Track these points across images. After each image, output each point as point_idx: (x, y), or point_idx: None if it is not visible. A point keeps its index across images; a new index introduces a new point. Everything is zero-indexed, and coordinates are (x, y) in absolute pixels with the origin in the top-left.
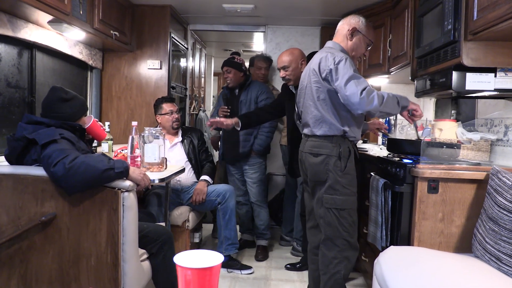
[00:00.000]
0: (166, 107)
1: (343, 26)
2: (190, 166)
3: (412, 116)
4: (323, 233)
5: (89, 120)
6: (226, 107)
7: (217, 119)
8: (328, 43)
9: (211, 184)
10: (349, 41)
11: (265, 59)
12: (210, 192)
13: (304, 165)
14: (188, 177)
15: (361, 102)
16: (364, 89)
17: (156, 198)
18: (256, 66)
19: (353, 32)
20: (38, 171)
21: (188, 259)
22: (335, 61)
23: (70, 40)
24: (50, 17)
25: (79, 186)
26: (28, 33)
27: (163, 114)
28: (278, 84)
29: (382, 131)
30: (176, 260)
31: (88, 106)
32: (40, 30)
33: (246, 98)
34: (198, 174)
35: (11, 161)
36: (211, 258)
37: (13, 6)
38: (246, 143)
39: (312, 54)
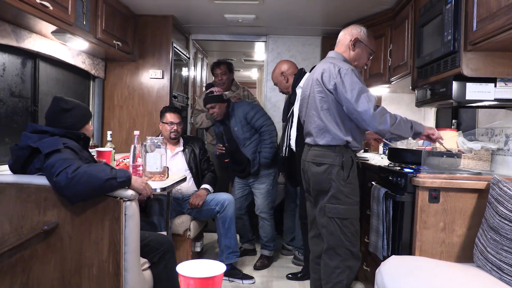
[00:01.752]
0: (169, 117)
1: (345, 37)
2: (191, 175)
3: (429, 139)
4: (325, 243)
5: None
6: (222, 145)
7: None
8: (331, 53)
9: (211, 193)
10: (351, 51)
11: (218, 64)
12: (209, 201)
13: (306, 174)
14: (189, 186)
15: (373, 120)
16: (377, 107)
17: (158, 207)
18: (213, 74)
19: (356, 42)
20: (41, 180)
21: (191, 269)
22: (341, 73)
23: (73, 50)
24: (53, 28)
25: (81, 195)
26: (32, 43)
27: (164, 123)
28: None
29: (379, 141)
30: (179, 269)
31: None
32: (43, 40)
33: (235, 123)
34: (198, 184)
35: (16, 170)
36: (214, 267)
37: (17, 17)
38: (255, 161)
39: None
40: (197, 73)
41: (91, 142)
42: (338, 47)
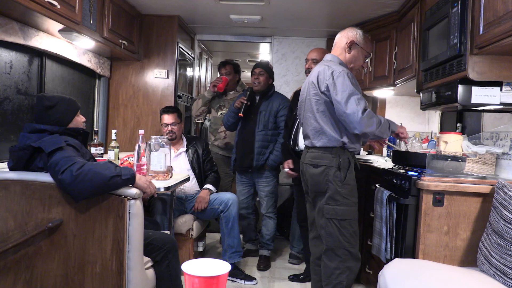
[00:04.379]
0: (164, 118)
1: (341, 39)
2: (194, 175)
3: (397, 137)
4: (324, 244)
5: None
6: (245, 98)
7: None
8: (327, 56)
9: (214, 193)
10: (347, 54)
11: (224, 64)
12: (213, 200)
13: (305, 176)
14: (192, 185)
15: (361, 122)
16: (364, 110)
17: (161, 206)
18: (220, 74)
19: (351, 45)
20: (46, 177)
21: (196, 267)
22: (334, 75)
23: (79, 48)
24: (60, 26)
25: (86, 193)
26: (39, 41)
27: (161, 124)
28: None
29: (383, 143)
30: (184, 268)
31: (95, 113)
32: (50, 39)
33: (266, 108)
34: (201, 184)
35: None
36: (218, 266)
37: (25, 15)
38: (261, 156)
39: None
40: (202, 73)
41: (95, 140)
42: (335, 49)
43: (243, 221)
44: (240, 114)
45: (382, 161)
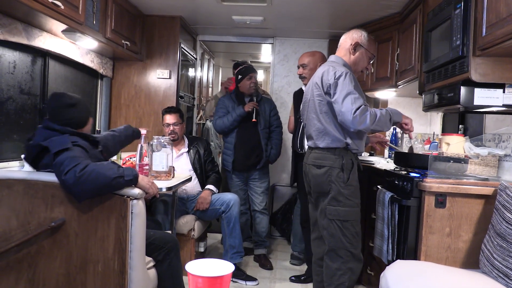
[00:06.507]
0: (166, 118)
1: (346, 41)
2: (195, 176)
3: (402, 128)
4: (326, 245)
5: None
6: (256, 103)
7: None
8: (331, 57)
9: (215, 193)
10: (351, 55)
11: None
12: (214, 201)
13: (307, 176)
14: (193, 185)
15: (354, 121)
16: (358, 108)
17: (163, 206)
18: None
19: (356, 46)
20: (48, 177)
21: (199, 268)
22: (336, 76)
23: (82, 48)
24: (64, 26)
25: (89, 193)
26: (42, 41)
27: (163, 125)
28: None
29: (384, 145)
30: (188, 268)
31: (97, 113)
32: (53, 39)
33: (261, 109)
34: (203, 185)
35: (28, 163)
36: (222, 267)
37: (28, 15)
38: (266, 152)
39: None
40: (204, 73)
41: None
42: (339, 51)
43: (242, 217)
44: (254, 120)
45: (384, 163)
